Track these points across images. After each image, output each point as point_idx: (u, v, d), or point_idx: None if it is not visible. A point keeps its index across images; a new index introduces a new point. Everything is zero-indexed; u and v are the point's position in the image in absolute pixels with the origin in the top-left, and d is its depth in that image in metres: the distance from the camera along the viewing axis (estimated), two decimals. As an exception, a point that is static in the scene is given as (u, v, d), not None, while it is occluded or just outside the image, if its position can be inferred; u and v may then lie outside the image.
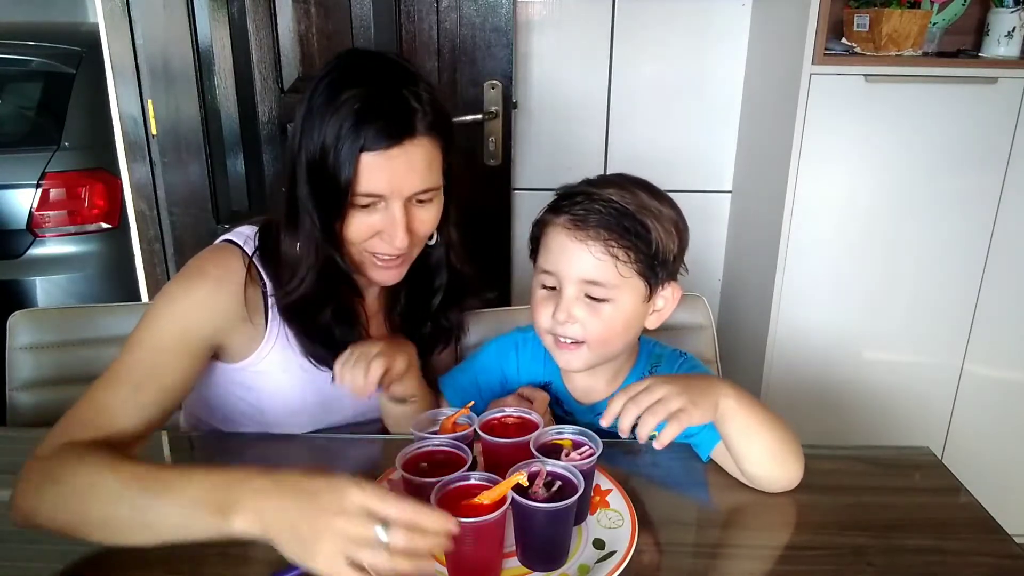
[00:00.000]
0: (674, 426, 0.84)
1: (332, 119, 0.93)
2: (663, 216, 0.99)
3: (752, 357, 2.05)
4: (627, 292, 0.98)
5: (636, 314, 1.01)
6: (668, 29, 2.14)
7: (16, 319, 1.30)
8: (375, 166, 0.93)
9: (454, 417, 0.91)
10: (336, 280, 1.02)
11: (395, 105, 0.95)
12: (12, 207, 2.23)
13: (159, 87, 1.96)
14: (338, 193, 0.94)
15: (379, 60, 1.01)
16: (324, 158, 0.93)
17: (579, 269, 0.96)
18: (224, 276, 1.01)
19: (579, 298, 0.97)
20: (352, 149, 0.92)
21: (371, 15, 1.93)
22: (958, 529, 0.90)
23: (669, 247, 0.99)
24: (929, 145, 1.82)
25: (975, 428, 2.04)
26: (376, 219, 0.98)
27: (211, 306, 0.99)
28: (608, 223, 0.95)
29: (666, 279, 1.01)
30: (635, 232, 0.95)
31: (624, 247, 0.95)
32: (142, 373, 0.93)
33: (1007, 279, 1.91)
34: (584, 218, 0.96)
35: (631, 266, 0.96)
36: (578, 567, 0.81)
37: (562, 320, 0.98)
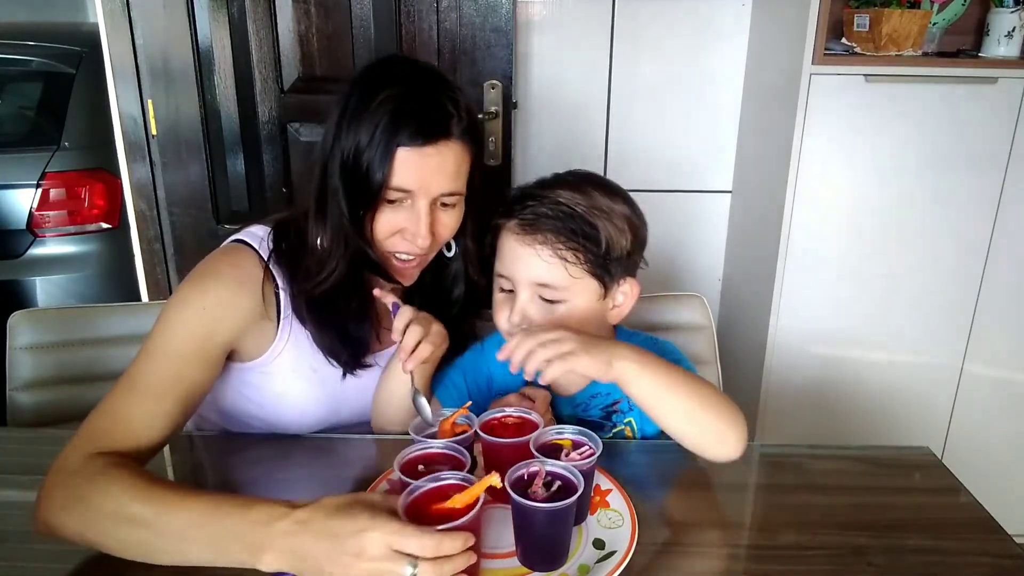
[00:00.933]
0: (559, 364, 0.86)
1: (370, 115, 0.95)
2: (615, 214, 1.00)
3: (752, 357, 2.05)
4: (579, 292, 0.99)
5: (592, 312, 1.01)
6: (668, 29, 2.14)
7: (16, 319, 1.30)
8: (409, 162, 0.95)
9: (453, 417, 0.91)
10: (360, 274, 1.04)
11: (434, 106, 0.97)
12: (12, 207, 2.23)
13: (159, 87, 1.96)
14: (371, 185, 0.96)
15: (419, 65, 1.04)
16: (360, 152, 0.95)
17: (530, 272, 0.98)
18: (240, 277, 1.01)
19: (532, 300, 0.99)
20: (390, 143, 0.94)
21: (371, 15, 1.93)
22: (958, 529, 0.90)
23: (621, 244, 1.00)
24: (929, 145, 1.82)
25: (975, 428, 2.04)
26: (401, 217, 0.99)
27: (229, 308, 0.99)
28: (556, 226, 0.96)
29: (622, 275, 1.02)
30: (583, 233, 0.97)
31: (572, 249, 0.96)
32: (162, 382, 0.92)
33: (1007, 279, 1.91)
34: (532, 222, 0.97)
35: (581, 267, 0.97)
36: (578, 567, 0.81)
37: (516, 322, 1.00)
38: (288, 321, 1.04)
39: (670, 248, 2.32)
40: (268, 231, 1.06)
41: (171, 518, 0.78)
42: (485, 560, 0.82)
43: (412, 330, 0.98)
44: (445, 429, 0.90)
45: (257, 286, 1.01)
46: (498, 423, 0.93)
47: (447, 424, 0.91)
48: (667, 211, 2.29)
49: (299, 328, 1.05)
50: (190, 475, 1.07)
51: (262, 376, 1.07)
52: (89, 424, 0.89)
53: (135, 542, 0.78)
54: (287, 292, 1.04)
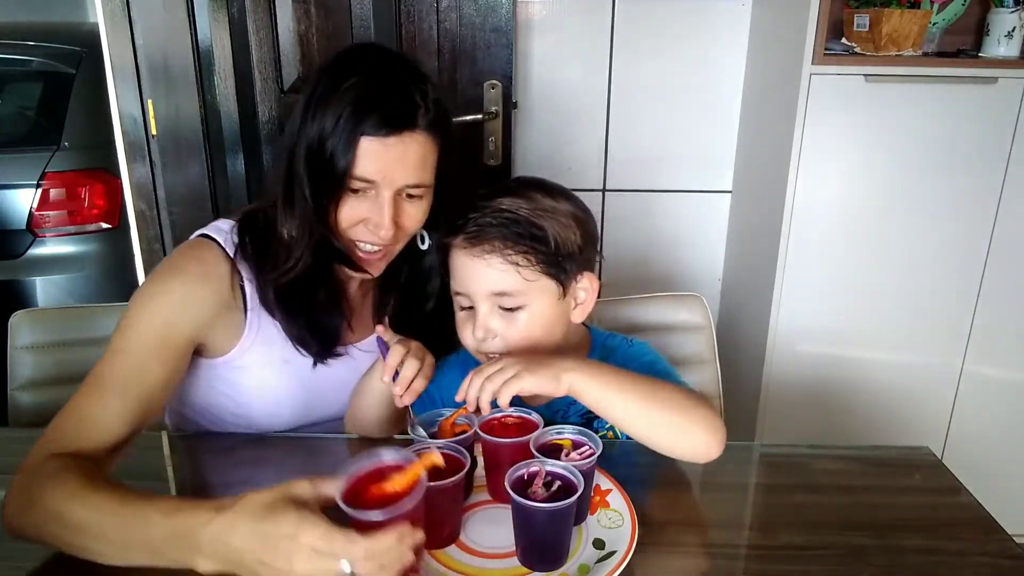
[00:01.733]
0: (506, 389, 0.87)
1: (336, 103, 0.95)
2: (559, 212, 1.00)
3: (752, 357, 2.05)
4: (538, 295, 0.98)
5: (555, 313, 1.01)
6: (668, 29, 2.14)
7: (17, 319, 1.30)
8: (372, 152, 0.95)
9: (452, 418, 0.91)
10: (327, 262, 1.04)
11: (399, 97, 0.97)
12: (12, 207, 2.24)
13: (159, 87, 1.96)
14: (334, 174, 0.95)
15: (389, 54, 1.03)
16: (324, 140, 0.95)
17: (484, 284, 0.97)
18: (202, 271, 1.01)
19: (492, 312, 0.98)
20: (353, 132, 0.94)
21: (371, 15, 1.93)
22: (958, 529, 0.90)
23: (571, 240, 0.99)
24: (929, 145, 1.82)
25: (975, 428, 2.04)
26: (365, 206, 0.99)
27: (192, 303, 0.99)
28: (502, 233, 0.96)
29: (577, 271, 1.01)
30: (531, 235, 0.96)
31: (522, 252, 0.96)
32: (125, 379, 0.93)
33: (1007, 279, 1.91)
34: (477, 233, 0.97)
35: (534, 268, 0.96)
36: (578, 567, 0.81)
37: (481, 337, 0.99)
38: (256, 313, 1.04)
39: (670, 248, 2.32)
40: (233, 224, 1.07)
41: (109, 524, 0.77)
42: (485, 560, 0.82)
43: (409, 364, 0.97)
44: (445, 429, 0.91)
45: (221, 280, 1.01)
46: (498, 423, 0.93)
47: (447, 424, 0.91)
48: (667, 211, 2.29)
49: (268, 320, 1.05)
50: (188, 477, 1.07)
51: (234, 371, 1.06)
52: (54, 424, 0.89)
53: (79, 546, 0.78)
54: (253, 284, 1.03)
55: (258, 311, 1.04)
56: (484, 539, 0.85)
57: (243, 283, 1.03)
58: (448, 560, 0.82)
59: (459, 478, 0.81)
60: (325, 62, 1.02)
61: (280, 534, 0.69)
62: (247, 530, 0.70)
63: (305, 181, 0.97)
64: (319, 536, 0.68)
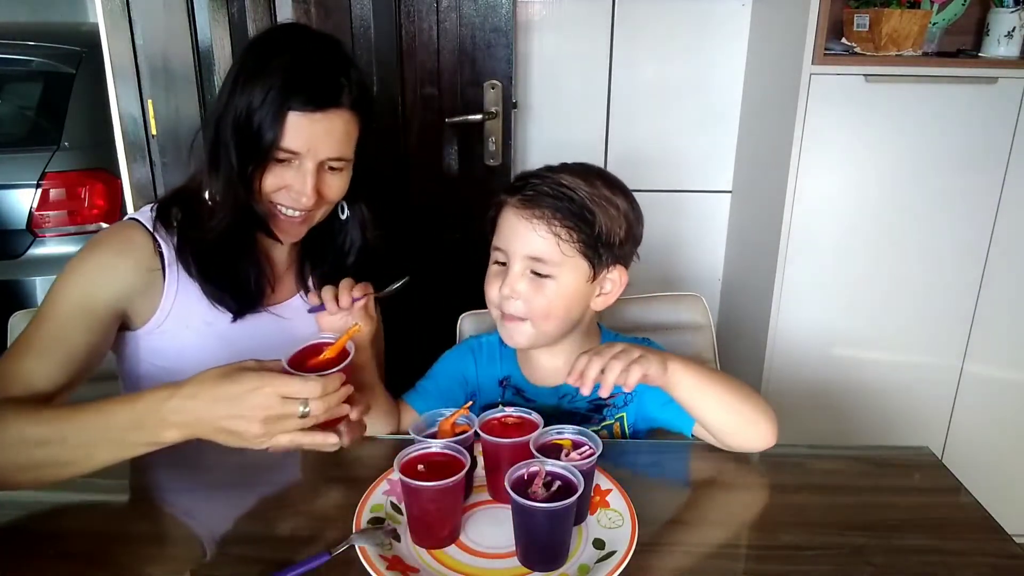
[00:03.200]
0: (636, 370, 0.90)
1: (265, 77, 1.00)
2: (613, 204, 1.05)
3: (752, 357, 2.05)
4: (569, 270, 1.03)
5: (579, 293, 1.05)
6: (668, 29, 2.14)
7: (17, 319, 1.30)
8: (299, 126, 1.01)
9: (453, 418, 0.91)
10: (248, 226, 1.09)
11: (326, 76, 1.03)
12: (12, 207, 2.23)
13: (159, 87, 1.96)
14: (261, 145, 1.01)
15: (316, 35, 1.09)
16: (252, 112, 1.00)
17: (524, 246, 1.02)
18: (118, 244, 1.07)
19: (524, 274, 1.03)
20: (281, 106, 1.00)
21: (371, 15, 1.93)
22: (958, 529, 0.90)
23: (615, 232, 1.04)
24: (929, 145, 1.82)
25: (975, 428, 2.04)
26: (289, 175, 1.05)
27: (110, 272, 1.05)
28: (555, 204, 1.01)
29: (612, 262, 1.06)
30: (579, 215, 1.01)
31: (567, 227, 1.01)
32: (46, 342, 0.98)
33: (1007, 279, 1.91)
34: (533, 199, 1.02)
35: (573, 245, 1.01)
36: (578, 567, 0.81)
37: (507, 294, 1.04)
38: (175, 277, 1.09)
39: (670, 248, 2.32)
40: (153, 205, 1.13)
41: (71, 428, 0.84)
42: (485, 560, 0.82)
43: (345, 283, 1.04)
44: (445, 429, 0.91)
45: (140, 249, 1.07)
46: (498, 423, 0.93)
47: (447, 424, 0.91)
48: (667, 211, 2.29)
49: (188, 283, 1.09)
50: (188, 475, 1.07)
51: (157, 337, 1.10)
52: None
53: (41, 461, 0.84)
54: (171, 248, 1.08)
55: (176, 275, 1.09)
56: (484, 539, 0.85)
57: (161, 250, 1.08)
58: (448, 560, 0.82)
59: (459, 478, 0.81)
60: (253, 39, 1.09)
61: (244, 389, 0.80)
62: (210, 396, 0.81)
63: (232, 149, 1.02)
64: (282, 382, 0.80)
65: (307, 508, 0.92)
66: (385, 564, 0.79)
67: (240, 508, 0.93)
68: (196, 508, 0.95)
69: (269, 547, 0.85)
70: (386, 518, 0.88)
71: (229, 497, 0.97)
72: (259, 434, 0.81)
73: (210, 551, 0.86)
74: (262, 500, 0.94)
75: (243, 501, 0.95)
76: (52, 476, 0.86)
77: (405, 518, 0.86)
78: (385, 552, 0.81)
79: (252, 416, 0.80)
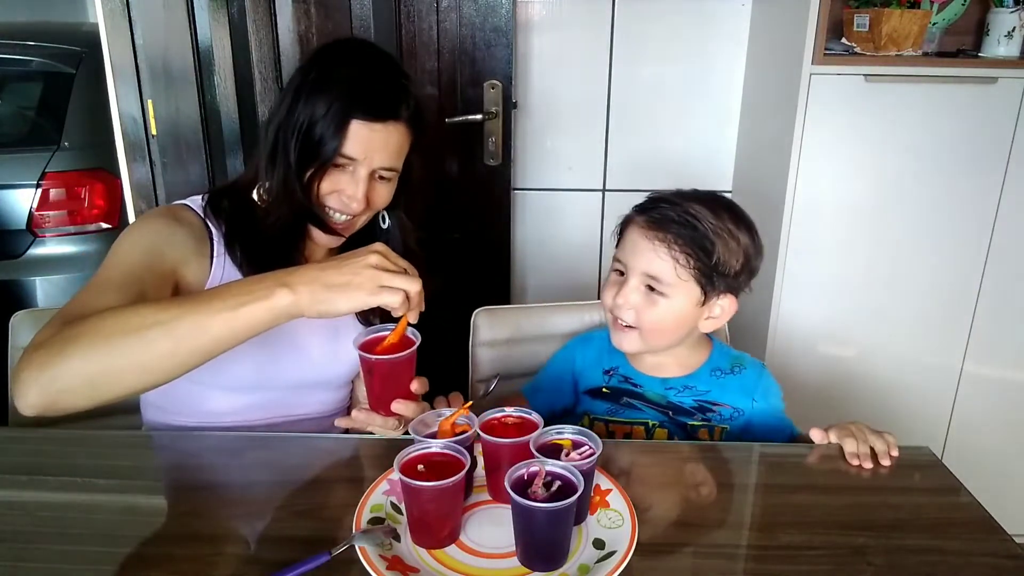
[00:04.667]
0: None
1: (330, 89, 1.06)
2: (734, 237, 1.12)
3: (752, 356, 2.04)
4: (682, 292, 1.10)
5: (688, 314, 1.13)
6: (668, 29, 2.14)
7: (18, 319, 1.30)
8: (359, 135, 1.06)
9: (453, 418, 0.91)
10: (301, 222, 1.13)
11: (388, 89, 1.09)
12: (12, 207, 2.23)
13: (159, 87, 1.96)
14: (323, 151, 1.06)
15: (380, 51, 1.14)
16: (315, 122, 1.05)
17: (644, 263, 1.11)
18: (176, 216, 1.12)
19: (639, 288, 1.11)
20: (345, 116, 1.05)
21: (371, 15, 1.93)
22: (958, 529, 0.90)
23: (731, 264, 1.11)
24: (929, 145, 1.82)
25: (975, 428, 2.04)
26: (343, 180, 1.09)
27: (168, 236, 1.08)
28: (678, 230, 1.09)
29: (724, 291, 1.13)
30: (700, 244, 1.09)
31: (686, 253, 1.08)
32: (119, 282, 0.99)
33: (1007, 279, 1.91)
34: (659, 222, 1.10)
35: (689, 271, 1.09)
36: (578, 567, 0.81)
37: (620, 303, 1.12)
38: (220, 263, 1.12)
39: (670, 248, 2.32)
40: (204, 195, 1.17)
41: (178, 309, 0.84)
42: (485, 560, 0.82)
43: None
44: (445, 429, 0.91)
45: (192, 226, 1.11)
46: (498, 423, 0.93)
47: (447, 424, 0.91)
48: (667, 211, 2.29)
49: (232, 271, 1.12)
50: (190, 475, 1.07)
51: None
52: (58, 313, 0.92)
53: (152, 339, 0.83)
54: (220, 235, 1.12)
55: (224, 262, 1.12)
56: (484, 539, 0.85)
57: (211, 235, 1.12)
58: (448, 560, 0.82)
59: (459, 478, 0.81)
60: (319, 49, 1.14)
61: (355, 253, 0.90)
62: (321, 263, 0.89)
63: (293, 153, 1.07)
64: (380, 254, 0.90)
65: (307, 508, 0.92)
66: (385, 564, 0.79)
67: (240, 508, 0.93)
68: (196, 508, 0.95)
69: (269, 547, 0.85)
70: (386, 518, 0.88)
71: (229, 497, 0.97)
72: (368, 281, 0.87)
73: (210, 551, 0.86)
74: (262, 500, 0.94)
75: (243, 501, 0.95)
76: (160, 362, 0.84)
77: (405, 518, 0.86)
78: (385, 552, 0.81)
79: (361, 263, 0.87)
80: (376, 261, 0.89)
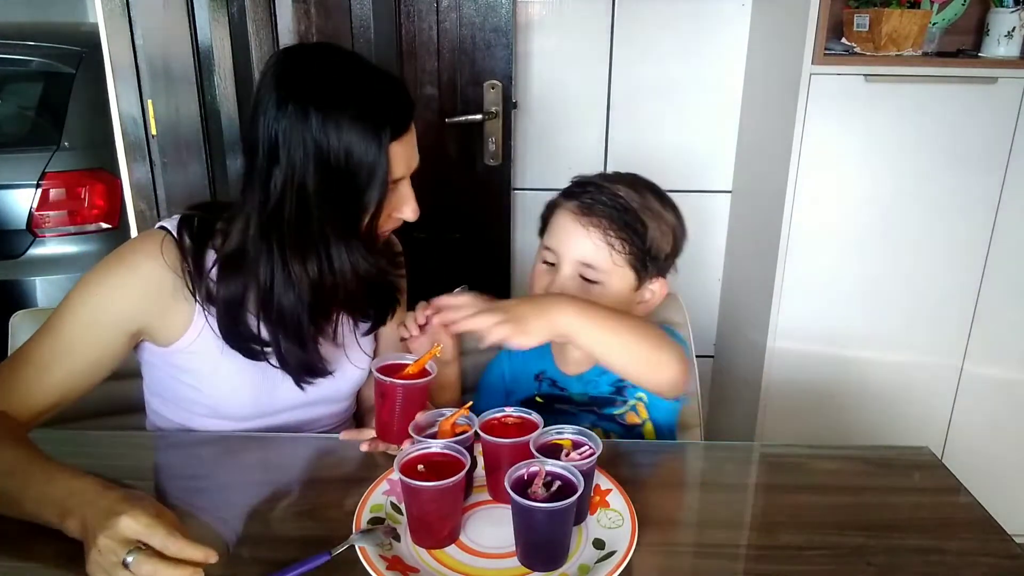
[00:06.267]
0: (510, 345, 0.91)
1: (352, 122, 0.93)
2: (663, 219, 1.10)
3: (752, 357, 2.05)
4: (617, 279, 1.08)
5: (622, 300, 1.09)
6: (668, 29, 2.14)
7: (18, 319, 1.30)
8: (400, 154, 0.98)
9: (453, 418, 0.91)
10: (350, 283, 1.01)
11: (398, 92, 1.00)
12: (12, 207, 2.23)
13: (159, 87, 1.96)
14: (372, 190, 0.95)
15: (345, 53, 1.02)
16: (354, 161, 0.93)
17: (578, 251, 1.07)
18: (140, 263, 1.00)
19: (573, 277, 1.08)
20: (381, 143, 0.94)
21: (371, 15, 1.93)
22: (958, 529, 0.90)
23: (662, 247, 1.09)
24: (929, 145, 1.82)
25: (975, 428, 2.04)
26: (395, 199, 1.01)
27: (124, 293, 1.00)
28: (611, 214, 1.06)
29: (655, 274, 1.12)
30: (633, 228, 1.06)
31: (620, 238, 1.06)
32: (47, 358, 0.97)
33: (1007, 279, 1.91)
34: (590, 206, 1.07)
35: (624, 256, 1.07)
36: (578, 567, 0.81)
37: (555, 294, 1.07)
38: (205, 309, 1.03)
39: (670, 248, 2.32)
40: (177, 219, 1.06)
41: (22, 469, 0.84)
42: (485, 560, 0.82)
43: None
44: (445, 429, 0.90)
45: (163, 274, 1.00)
46: (498, 423, 0.93)
47: (447, 424, 0.91)
48: (667, 211, 2.29)
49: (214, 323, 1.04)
50: (190, 475, 1.07)
51: (188, 357, 1.05)
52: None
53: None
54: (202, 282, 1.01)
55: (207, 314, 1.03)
56: (484, 539, 0.85)
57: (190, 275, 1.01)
58: (448, 560, 0.82)
59: (459, 478, 0.81)
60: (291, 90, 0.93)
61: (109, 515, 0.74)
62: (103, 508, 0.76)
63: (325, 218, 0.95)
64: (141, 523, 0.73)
65: (307, 508, 0.92)
66: (385, 564, 0.79)
67: (240, 508, 0.93)
68: (196, 508, 0.95)
69: (269, 547, 0.85)
70: (386, 518, 0.88)
71: (229, 497, 0.97)
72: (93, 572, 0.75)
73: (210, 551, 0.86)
74: (262, 500, 0.94)
75: (243, 501, 0.95)
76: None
77: (405, 518, 0.86)
78: (385, 552, 0.81)
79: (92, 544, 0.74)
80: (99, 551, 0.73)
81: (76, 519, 0.78)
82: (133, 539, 0.73)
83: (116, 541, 0.73)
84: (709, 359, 2.41)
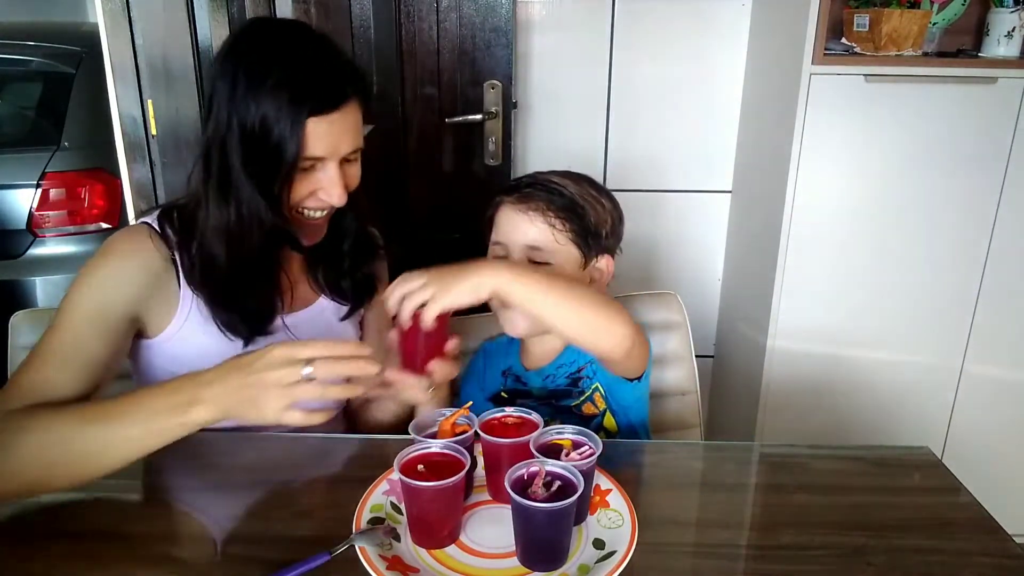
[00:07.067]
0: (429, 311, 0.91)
1: (271, 91, 0.96)
2: (599, 203, 1.16)
3: (752, 357, 2.05)
4: (564, 258, 1.12)
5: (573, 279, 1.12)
6: (668, 29, 2.14)
7: (17, 319, 1.30)
8: (319, 132, 0.98)
9: (453, 418, 0.91)
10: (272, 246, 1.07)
11: (332, 72, 1.01)
12: (12, 207, 2.23)
13: (159, 87, 1.96)
14: (283, 159, 0.98)
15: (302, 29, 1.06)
16: (267, 129, 0.97)
17: (522, 236, 1.12)
18: (132, 250, 1.05)
19: (523, 262, 1.11)
20: (298, 117, 0.96)
21: (371, 15, 1.93)
22: (958, 529, 0.90)
23: (602, 225, 1.15)
24: (929, 145, 1.82)
25: (975, 428, 2.04)
26: (315, 178, 1.03)
27: (121, 279, 1.03)
28: (549, 199, 1.12)
29: (600, 252, 1.16)
30: (571, 208, 1.12)
31: (560, 218, 1.11)
32: (62, 353, 0.98)
33: (1007, 279, 1.91)
34: (529, 195, 1.13)
35: (566, 234, 1.11)
36: (578, 567, 0.81)
37: None
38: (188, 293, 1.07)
39: (670, 248, 2.32)
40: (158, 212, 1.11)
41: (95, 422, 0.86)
42: (485, 560, 0.82)
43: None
44: (445, 429, 0.90)
45: (153, 258, 1.05)
46: (498, 423, 0.93)
47: (447, 424, 0.91)
48: (667, 211, 2.29)
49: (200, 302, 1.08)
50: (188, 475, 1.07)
51: (179, 345, 1.08)
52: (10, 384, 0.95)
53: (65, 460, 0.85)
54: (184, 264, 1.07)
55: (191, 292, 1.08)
56: (484, 539, 0.85)
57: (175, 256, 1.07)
58: (448, 560, 0.82)
59: (459, 478, 0.81)
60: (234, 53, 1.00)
61: (258, 355, 0.84)
62: (230, 365, 0.85)
63: (242, 172, 0.99)
64: (290, 344, 0.84)
65: (307, 508, 0.92)
66: (385, 564, 0.79)
67: (240, 508, 0.93)
68: (196, 508, 0.95)
69: (269, 547, 0.85)
70: (386, 518, 0.88)
71: (229, 497, 0.97)
72: (273, 405, 0.83)
73: (210, 551, 0.86)
74: (262, 500, 0.94)
75: (243, 501, 0.95)
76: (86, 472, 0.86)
77: (405, 518, 0.86)
78: (385, 552, 0.81)
79: (263, 381, 0.82)
80: (270, 373, 0.82)
81: (204, 403, 0.83)
82: (295, 358, 0.82)
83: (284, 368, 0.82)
84: (709, 359, 2.41)
